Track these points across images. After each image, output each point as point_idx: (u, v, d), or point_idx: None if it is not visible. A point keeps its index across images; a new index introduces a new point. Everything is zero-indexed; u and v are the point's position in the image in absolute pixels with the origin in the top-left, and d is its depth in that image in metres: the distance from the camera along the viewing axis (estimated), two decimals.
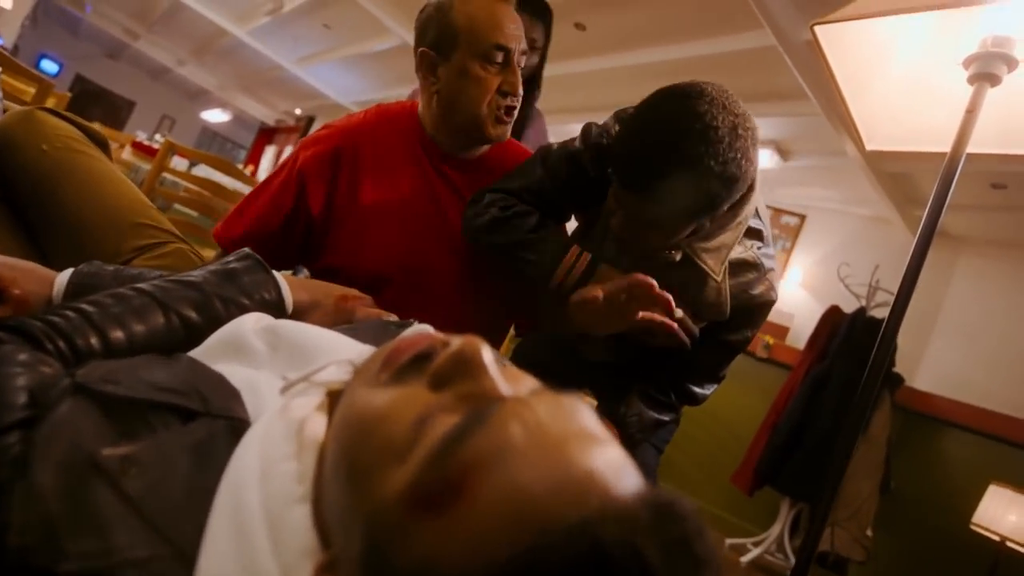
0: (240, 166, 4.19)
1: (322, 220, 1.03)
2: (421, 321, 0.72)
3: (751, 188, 0.86)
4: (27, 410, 0.37)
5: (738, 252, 0.90)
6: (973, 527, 2.47)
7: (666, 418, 1.06)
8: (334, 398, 0.42)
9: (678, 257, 0.87)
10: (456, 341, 0.36)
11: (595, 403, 1.14)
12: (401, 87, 5.76)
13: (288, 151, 8.74)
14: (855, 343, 3.07)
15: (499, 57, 0.95)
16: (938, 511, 2.87)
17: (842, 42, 0.92)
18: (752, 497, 3.08)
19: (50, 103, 1.90)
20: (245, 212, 1.05)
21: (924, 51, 0.98)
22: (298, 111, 8.47)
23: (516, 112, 1.00)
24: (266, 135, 9.78)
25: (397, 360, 0.37)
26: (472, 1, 0.94)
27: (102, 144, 0.82)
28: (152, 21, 7.17)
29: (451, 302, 1.06)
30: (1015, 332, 3.38)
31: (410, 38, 3.93)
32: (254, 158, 9.53)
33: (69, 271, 0.57)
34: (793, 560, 2.64)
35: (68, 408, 0.36)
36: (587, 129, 0.98)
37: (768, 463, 2.99)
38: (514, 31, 0.95)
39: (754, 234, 0.91)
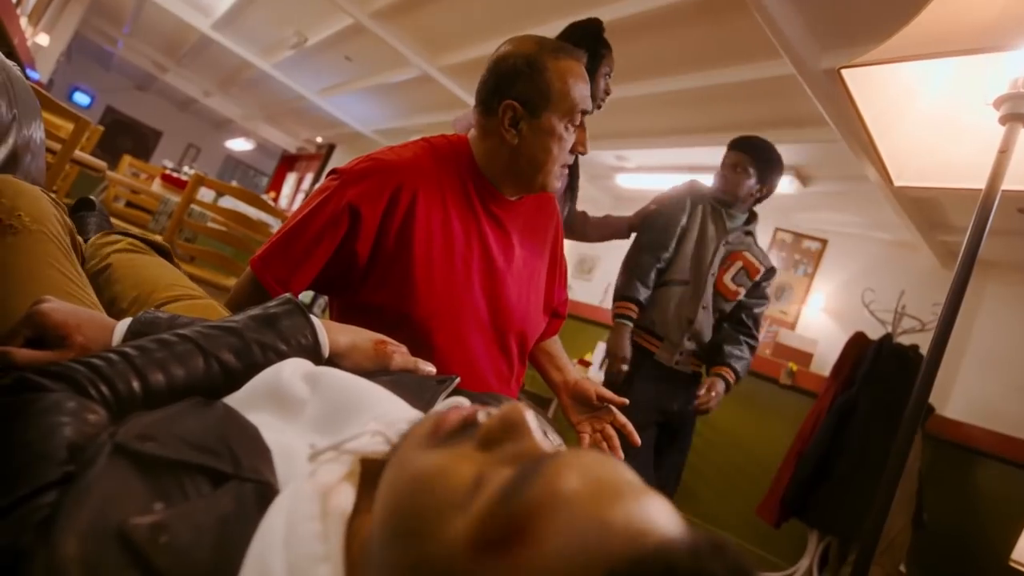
0: (262, 192, 4.28)
1: (369, 257, 1.00)
2: (463, 360, 0.73)
3: None
4: (65, 466, 0.38)
5: None
6: (1012, 564, 2.38)
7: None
8: (368, 465, 0.42)
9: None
10: (502, 407, 0.37)
11: None
12: (419, 116, 5.87)
13: (309, 178, 8.92)
14: (882, 370, 3.00)
15: (579, 119, 1.01)
16: (974, 546, 2.77)
17: (869, 83, 0.93)
18: (778, 529, 3.00)
19: (84, 137, 1.97)
20: (290, 249, 0.99)
21: (951, 91, 0.98)
22: (319, 139, 8.66)
23: None
24: (288, 162, 9.99)
25: (445, 427, 0.38)
26: (562, 62, 0.98)
27: (165, 253, 0.95)
28: (181, 55, 7.42)
29: (492, 341, 1.08)
30: None
31: (429, 69, 4.01)
32: (276, 185, 9.73)
33: (129, 319, 0.59)
34: None
35: (102, 468, 0.37)
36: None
37: (795, 494, 2.91)
38: (589, 93, 1.01)
39: None
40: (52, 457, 0.38)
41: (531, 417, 0.36)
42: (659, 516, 0.29)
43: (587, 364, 4.22)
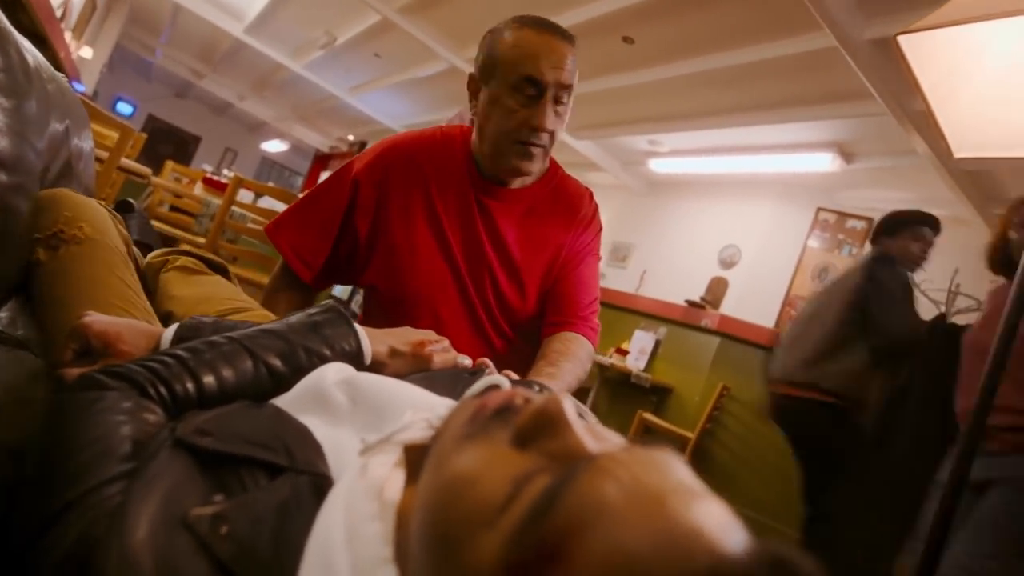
0: (298, 192, 4.37)
1: (369, 234, 1.02)
2: (461, 348, 0.72)
3: None
4: (130, 461, 0.40)
5: None
6: None
7: None
8: (412, 453, 0.42)
9: None
10: (539, 398, 0.35)
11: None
12: (448, 109, 5.87)
13: None
14: (936, 353, 2.88)
15: (530, 90, 0.91)
16: None
17: (926, 50, 0.87)
18: None
19: (128, 145, 2.04)
20: (302, 215, 1.04)
21: (1014, 55, 0.92)
22: (351, 137, 8.77)
23: (548, 147, 0.98)
24: (321, 161, 10.16)
25: (484, 413, 0.37)
26: (522, 30, 0.92)
27: (222, 270, 0.97)
28: (216, 61, 7.60)
29: (481, 332, 1.06)
30: None
31: (457, 61, 4.03)
32: (310, 184, 9.91)
33: (175, 325, 0.61)
34: None
35: (164, 461, 0.39)
36: None
37: None
38: (552, 65, 0.91)
39: None
40: (116, 452, 0.40)
41: (571, 410, 0.33)
42: (712, 528, 0.26)
43: (624, 353, 4.18)
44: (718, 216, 5.01)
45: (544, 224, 1.06)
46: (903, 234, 2.20)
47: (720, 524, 0.26)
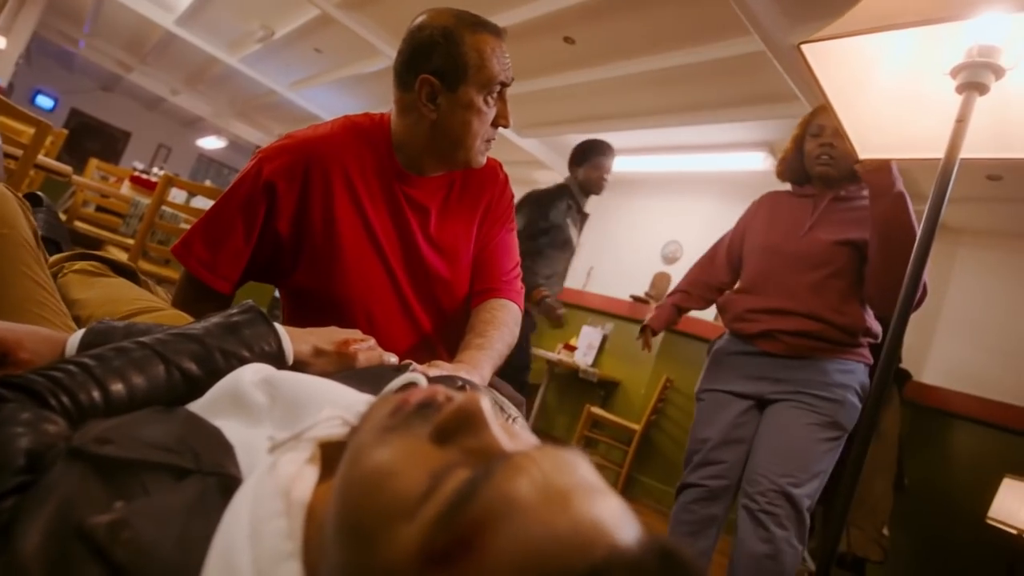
0: None
1: (292, 237, 1.00)
2: (390, 342, 0.73)
3: None
4: (24, 475, 0.38)
5: None
6: (990, 521, 2.46)
7: None
8: (327, 449, 0.42)
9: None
10: (458, 397, 0.36)
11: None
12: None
13: None
14: None
15: (499, 92, 0.99)
16: (954, 507, 2.85)
17: (829, 58, 0.93)
18: None
19: (48, 142, 1.92)
20: (211, 230, 0.99)
21: (910, 62, 0.99)
22: None
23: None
24: None
25: (404, 409, 0.38)
26: (478, 35, 0.96)
27: (129, 274, 0.92)
28: (145, 53, 7.23)
29: (415, 323, 1.07)
30: (1019, 322, 3.37)
31: None
32: None
33: (81, 331, 0.58)
34: (810, 563, 2.62)
35: (59, 472, 0.37)
36: None
37: None
38: (507, 66, 0.99)
39: None
40: (8, 466, 0.38)
41: (488, 408, 0.35)
42: (610, 521, 0.29)
43: (572, 349, 4.25)
44: (660, 213, 5.15)
45: (463, 200, 1.10)
46: (586, 164, 2.61)
47: (617, 519, 0.29)
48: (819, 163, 1.50)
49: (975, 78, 0.88)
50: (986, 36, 0.88)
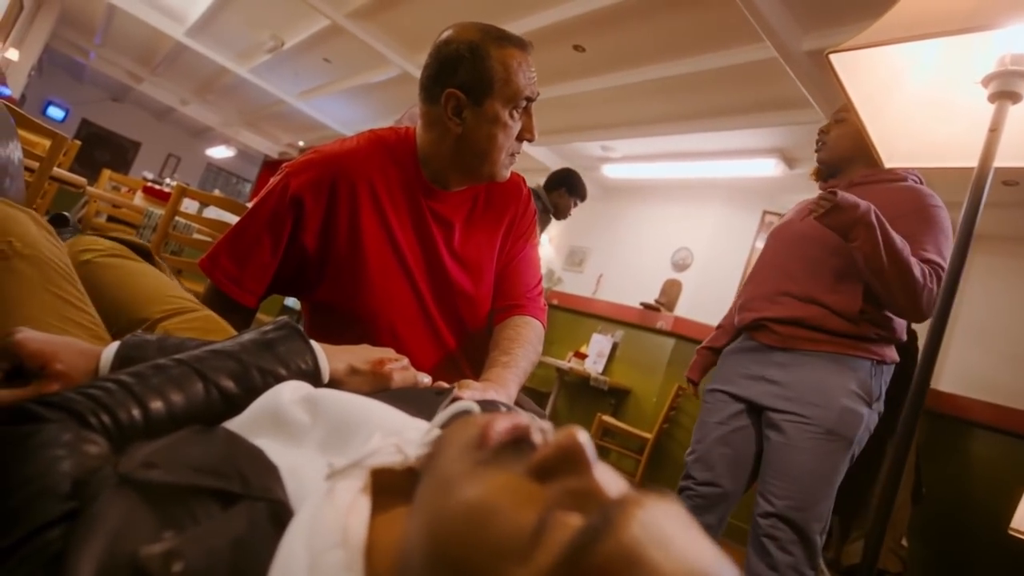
0: (247, 200, 4.24)
1: (318, 251, 1.00)
2: (414, 357, 0.72)
3: None
4: (70, 501, 0.37)
5: None
6: (1012, 532, 2.42)
7: None
8: (380, 477, 0.41)
9: None
10: (560, 433, 0.36)
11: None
12: (401, 114, 5.82)
13: None
14: None
15: (524, 106, 0.98)
16: (974, 517, 2.81)
17: (857, 67, 0.92)
18: None
19: (62, 153, 1.93)
20: (238, 244, 0.99)
21: (939, 71, 0.98)
22: (301, 143, 8.58)
23: None
24: (270, 168, 9.89)
25: (493, 439, 0.37)
26: (505, 49, 0.96)
27: (145, 254, 0.90)
28: (155, 64, 7.31)
29: (438, 338, 1.06)
30: None
31: (409, 67, 3.96)
32: (259, 191, 9.62)
33: (116, 344, 0.58)
34: (827, 574, 2.58)
35: (108, 501, 0.36)
36: None
37: None
38: (535, 79, 0.98)
39: None
40: (54, 493, 0.37)
41: (589, 446, 0.35)
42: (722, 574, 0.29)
43: (583, 356, 4.23)
44: (670, 220, 5.14)
45: (487, 215, 1.10)
46: (558, 191, 2.88)
47: (730, 572, 0.30)
48: (815, 150, 1.50)
49: (1008, 87, 0.86)
50: (1018, 45, 0.86)
